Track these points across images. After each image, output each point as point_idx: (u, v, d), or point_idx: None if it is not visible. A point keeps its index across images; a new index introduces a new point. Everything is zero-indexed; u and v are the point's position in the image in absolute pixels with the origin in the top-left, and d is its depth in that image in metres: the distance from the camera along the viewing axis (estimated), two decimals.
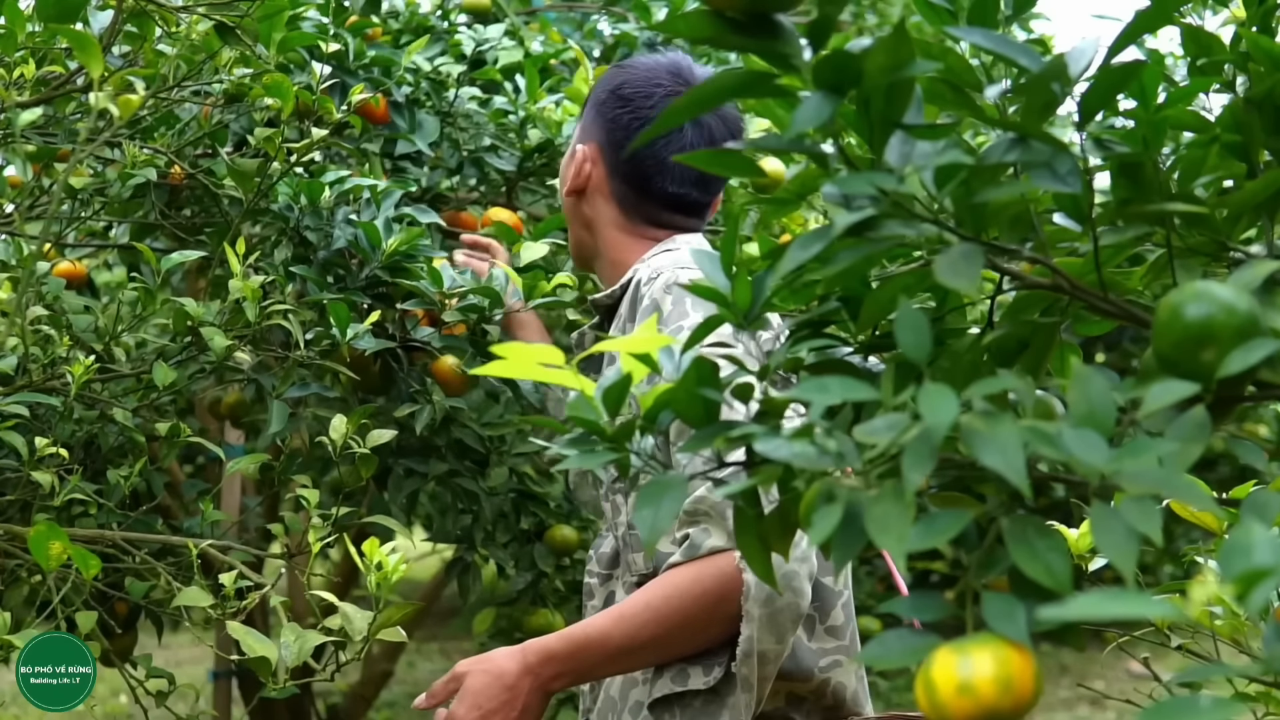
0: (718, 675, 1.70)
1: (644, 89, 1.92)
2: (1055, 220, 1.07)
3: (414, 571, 3.67)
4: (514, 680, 1.68)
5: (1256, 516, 0.86)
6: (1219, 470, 3.95)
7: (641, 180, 1.92)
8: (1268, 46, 1.03)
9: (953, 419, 0.84)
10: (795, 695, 1.76)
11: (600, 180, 1.96)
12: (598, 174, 1.96)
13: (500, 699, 1.68)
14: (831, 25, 0.95)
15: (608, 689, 1.84)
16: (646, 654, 1.71)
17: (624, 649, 1.69)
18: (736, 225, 1.05)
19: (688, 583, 1.66)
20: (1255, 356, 0.89)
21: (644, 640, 1.68)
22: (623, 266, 1.94)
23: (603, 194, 1.96)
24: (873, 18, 4.92)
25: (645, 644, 1.69)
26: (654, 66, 1.97)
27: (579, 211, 1.99)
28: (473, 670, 1.69)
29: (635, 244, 1.93)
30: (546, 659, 1.69)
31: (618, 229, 1.95)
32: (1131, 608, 0.69)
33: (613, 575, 1.85)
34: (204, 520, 2.06)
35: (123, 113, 1.35)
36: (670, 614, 1.67)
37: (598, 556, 1.88)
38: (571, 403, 1.04)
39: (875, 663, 0.94)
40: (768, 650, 1.67)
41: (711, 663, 1.71)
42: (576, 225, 2.01)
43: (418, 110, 2.46)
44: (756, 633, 1.65)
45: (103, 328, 1.97)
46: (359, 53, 2.32)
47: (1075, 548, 1.17)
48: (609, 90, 1.96)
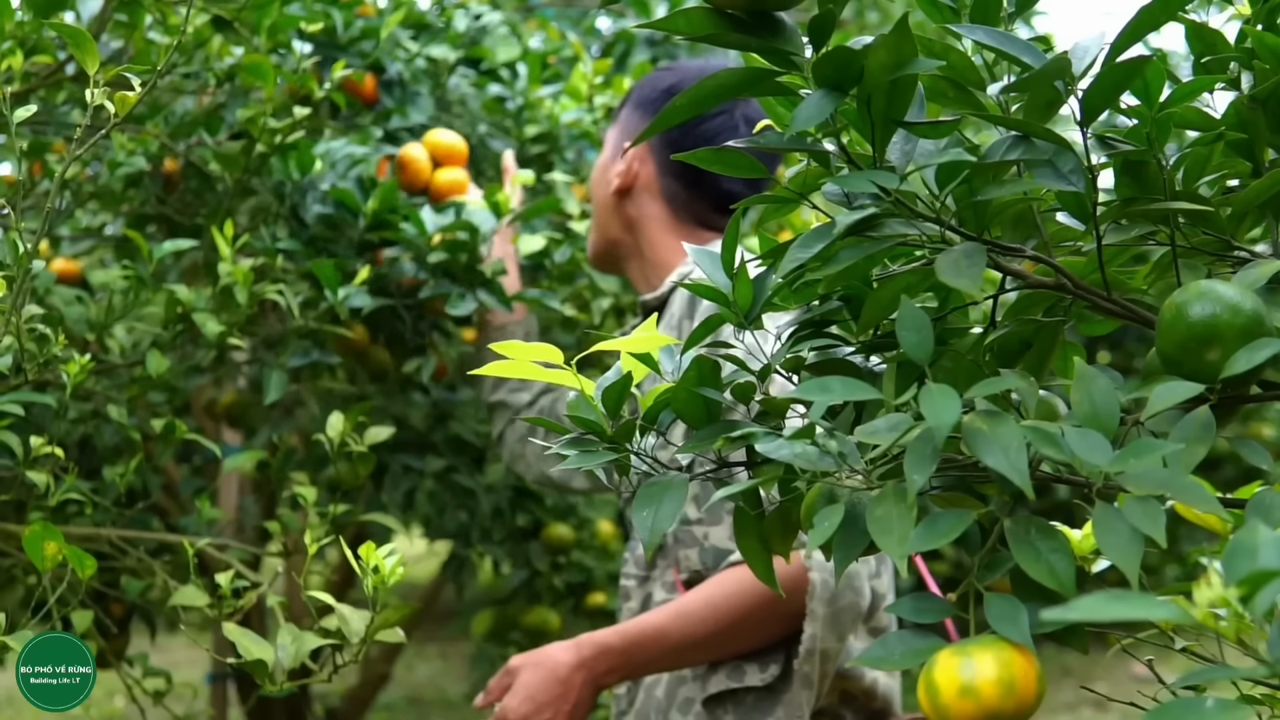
0: (774, 672, 1.72)
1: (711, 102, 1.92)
2: (1058, 219, 1.07)
3: (412, 573, 3.66)
4: (567, 674, 1.69)
5: (1262, 518, 0.85)
6: (1224, 471, 3.95)
7: (694, 176, 1.93)
8: (1273, 44, 1.02)
9: (955, 419, 0.84)
10: (848, 693, 1.78)
11: (650, 178, 1.96)
12: (647, 172, 1.96)
13: (553, 692, 1.68)
14: (832, 22, 0.95)
15: (652, 689, 1.83)
16: (704, 650, 1.72)
17: (682, 645, 1.70)
18: (737, 225, 1.04)
19: (752, 579, 1.66)
20: (1260, 356, 0.89)
21: (703, 636, 1.69)
22: (666, 267, 1.94)
23: (651, 192, 1.96)
24: (874, 15, 4.92)
25: (703, 640, 1.70)
26: (705, 67, 1.99)
27: (621, 211, 1.99)
28: (526, 665, 1.70)
29: (678, 247, 1.93)
30: (601, 653, 1.70)
31: (665, 228, 1.95)
32: (1135, 609, 0.68)
33: (650, 576, 1.85)
34: (200, 519, 2.05)
35: (119, 109, 1.34)
36: (732, 610, 1.68)
37: (634, 559, 1.88)
38: (571, 402, 1.03)
39: (878, 665, 0.93)
40: (830, 648, 1.68)
41: (767, 660, 1.73)
42: (614, 225, 2.00)
43: (409, 88, 2.43)
44: (820, 631, 1.66)
45: (94, 319, 1.95)
46: (348, 23, 2.29)
47: (1078, 549, 1.16)
48: (661, 90, 1.97)
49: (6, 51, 1.51)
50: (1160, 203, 1.00)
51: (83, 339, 1.93)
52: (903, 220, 0.98)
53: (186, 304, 1.92)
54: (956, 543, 0.90)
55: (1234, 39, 1.08)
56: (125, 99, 1.33)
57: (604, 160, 2.04)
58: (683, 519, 1.78)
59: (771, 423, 1.03)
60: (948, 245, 0.97)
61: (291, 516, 2.06)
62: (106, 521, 1.97)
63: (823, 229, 0.98)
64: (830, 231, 0.97)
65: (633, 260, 2.00)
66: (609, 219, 2.01)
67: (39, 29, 1.75)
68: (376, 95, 2.38)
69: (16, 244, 1.39)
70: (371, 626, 1.46)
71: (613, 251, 2.03)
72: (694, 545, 1.77)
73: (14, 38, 1.65)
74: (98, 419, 2.10)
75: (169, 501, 2.54)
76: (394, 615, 1.46)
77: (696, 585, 1.76)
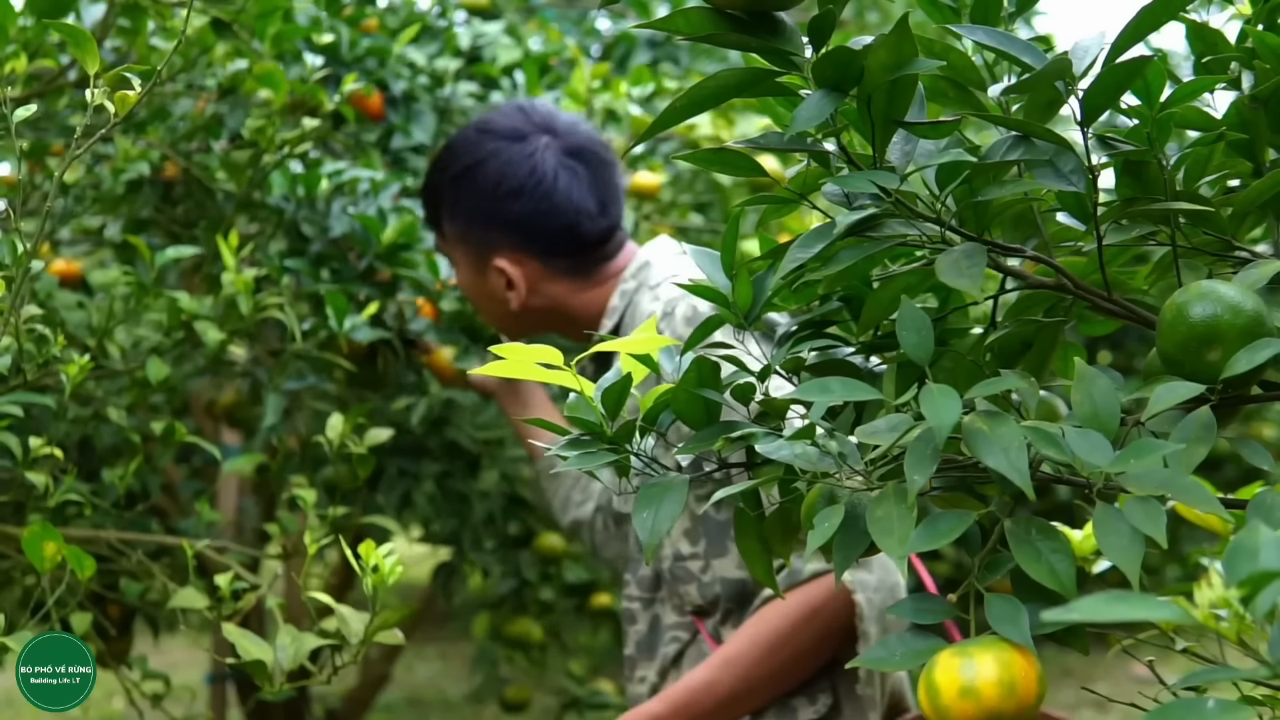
0: (826, 703, 1.66)
1: (522, 167, 1.85)
2: (1059, 219, 1.07)
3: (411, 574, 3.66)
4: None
5: (1263, 518, 0.85)
6: (1225, 472, 3.94)
7: (577, 240, 1.86)
8: (1273, 43, 1.02)
9: (955, 420, 0.84)
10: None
11: (538, 272, 1.88)
12: (532, 269, 1.87)
13: None
14: (832, 22, 0.94)
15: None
16: (758, 694, 1.64)
17: (735, 693, 1.62)
18: (737, 226, 1.04)
19: (797, 609, 1.60)
20: (1261, 356, 0.89)
21: (756, 678, 1.62)
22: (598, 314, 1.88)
23: (547, 279, 1.88)
24: (874, 15, 4.92)
25: (757, 682, 1.63)
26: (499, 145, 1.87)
27: (530, 312, 1.90)
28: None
29: (604, 287, 1.88)
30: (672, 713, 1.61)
31: (580, 291, 1.89)
32: (1136, 610, 0.68)
33: (655, 598, 1.80)
34: (200, 521, 2.05)
35: (119, 109, 1.33)
36: (781, 645, 1.61)
37: (637, 580, 1.82)
38: (571, 403, 1.03)
39: (878, 666, 0.93)
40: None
41: (815, 693, 1.66)
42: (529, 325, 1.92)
43: (414, 103, 2.45)
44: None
45: (96, 324, 1.95)
46: (353, 42, 2.31)
47: (1079, 550, 1.16)
48: (487, 197, 1.85)
49: (10, 55, 1.50)
50: (1161, 203, 1.00)
51: (84, 344, 1.93)
52: (903, 220, 0.98)
53: (189, 312, 1.92)
54: (957, 543, 0.90)
55: (1235, 39, 1.08)
56: (125, 99, 1.33)
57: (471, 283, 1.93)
58: (676, 555, 1.72)
59: (771, 423, 1.03)
60: (948, 246, 0.97)
61: (291, 518, 2.06)
62: (106, 523, 1.97)
63: (823, 229, 0.97)
64: (830, 232, 0.97)
65: (564, 328, 1.94)
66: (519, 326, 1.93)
67: (42, 33, 1.75)
68: (382, 111, 2.39)
69: (16, 244, 1.39)
70: (370, 628, 1.46)
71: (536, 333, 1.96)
72: (692, 581, 1.71)
73: (17, 41, 1.65)
74: (97, 420, 2.10)
75: (168, 503, 2.54)
76: (393, 616, 1.46)
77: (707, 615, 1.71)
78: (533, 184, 1.85)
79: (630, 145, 1.20)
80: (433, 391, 2.28)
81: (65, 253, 2.39)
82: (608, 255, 1.90)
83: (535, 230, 1.86)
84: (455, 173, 1.89)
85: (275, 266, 2.05)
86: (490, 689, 3.25)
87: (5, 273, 1.43)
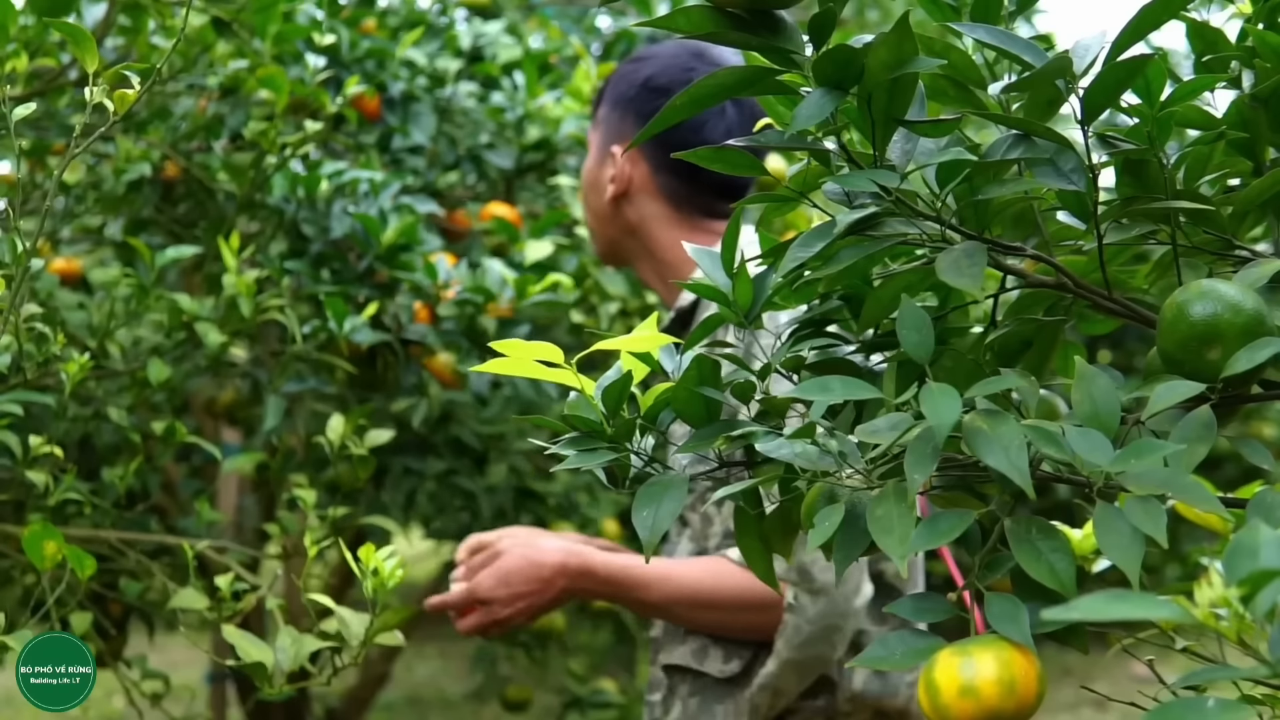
0: (734, 669, 1.71)
1: (678, 75, 1.87)
2: (1059, 218, 1.06)
3: (412, 573, 3.66)
4: (549, 574, 1.70)
5: (1263, 517, 0.84)
6: (1225, 471, 3.94)
7: (691, 168, 1.84)
8: (1274, 42, 1.02)
9: (955, 419, 0.83)
10: (883, 712, 1.76)
11: (645, 179, 1.89)
12: (640, 173, 1.89)
13: (529, 586, 1.70)
14: (833, 21, 0.94)
15: None
16: (675, 620, 1.73)
17: (654, 606, 1.71)
18: (737, 224, 1.04)
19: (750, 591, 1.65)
20: (1262, 355, 0.89)
21: (677, 612, 1.70)
22: (681, 266, 1.86)
23: (649, 193, 1.89)
24: (875, 13, 4.92)
25: (677, 615, 1.71)
26: (676, 52, 1.91)
27: (620, 217, 1.91)
28: (512, 550, 1.71)
29: (694, 239, 1.86)
30: (584, 573, 1.71)
31: (670, 225, 1.88)
32: (1136, 609, 0.68)
33: None
34: (200, 520, 2.05)
35: (118, 108, 1.33)
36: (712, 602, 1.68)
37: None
38: (573, 401, 1.03)
39: (878, 665, 0.93)
40: (787, 689, 1.68)
41: (732, 654, 1.72)
42: (615, 230, 1.93)
43: (413, 103, 2.45)
44: (779, 670, 1.66)
45: (97, 324, 1.95)
46: (354, 43, 2.31)
47: (1079, 549, 1.16)
48: (637, 85, 1.89)
49: (11, 53, 1.50)
50: (1161, 202, 1.00)
51: (84, 344, 1.93)
52: (903, 219, 0.98)
53: (190, 313, 1.92)
54: (957, 542, 0.90)
55: (1235, 37, 1.08)
56: (124, 97, 1.33)
57: (592, 166, 1.97)
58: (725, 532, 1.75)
59: (772, 422, 1.03)
60: (948, 244, 0.97)
61: (291, 518, 2.06)
62: (106, 522, 1.97)
63: (823, 228, 0.97)
64: (831, 230, 0.96)
65: (642, 261, 1.94)
66: (609, 226, 1.94)
67: (43, 31, 1.75)
68: (379, 113, 2.39)
69: (15, 243, 1.39)
70: (371, 629, 1.46)
71: (619, 253, 1.97)
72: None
73: (18, 40, 1.65)
74: (97, 419, 2.10)
75: (168, 502, 2.54)
76: (393, 617, 1.46)
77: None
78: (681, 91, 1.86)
79: (632, 143, 1.20)
80: (433, 392, 2.28)
81: (65, 251, 2.39)
82: (714, 211, 1.90)
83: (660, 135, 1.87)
84: (631, 59, 1.97)
85: (276, 268, 2.05)
86: (490, 688, 3.25)
87: (5, 271, 1.43)
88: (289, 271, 2.08)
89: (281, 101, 1.98)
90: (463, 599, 1.71)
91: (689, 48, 1.91)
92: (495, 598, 1.69)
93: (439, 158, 2.58)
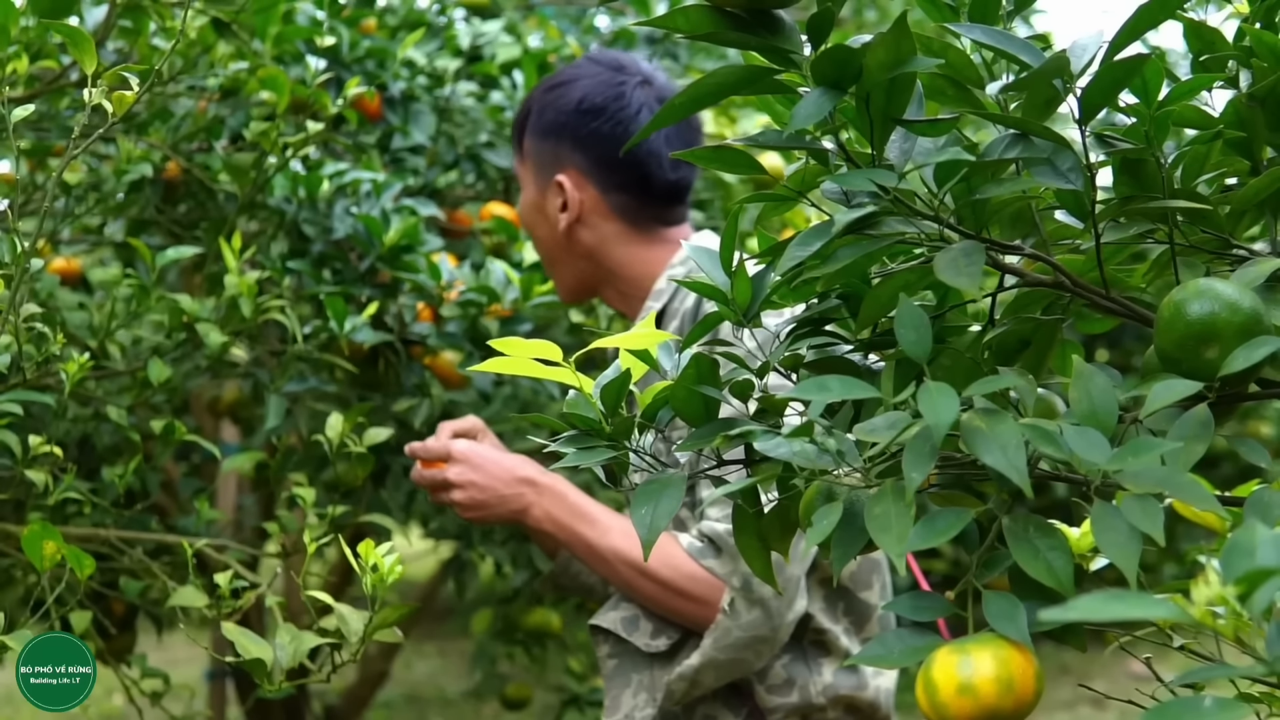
0: (660, 646, 1.73)
1: (610, 93, 1.85)
2: (1057, 217, 1.07)
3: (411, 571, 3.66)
4: (516, 488, 1.73)
5: (1260, 516, 0.85)
6: (1222, 469, 3.95)
7: (641, 181, 1.85)
8: (1271, 42, 1.02)
9: (953, 417, 0.84)
10: (854, 706, 1.77)
11: (595, 201, 1.86)
12: (590, 196, 1.86)
13: (494, 492, 1.74)
14: (831, 20, 0.95)
15: None
16: (611, 576, 1.74)
17: (599, 553, 1.72)
18: (736, 223, 1.04)
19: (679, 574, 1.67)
20: (1259, 354, 0.89)
21: (616, 568, 1.72)
22: (646, 279, 1.86)
23: (600, 214, 1.87)
24: (873, 13, 4.92)
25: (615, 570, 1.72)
26: (595, 70, 1.89)
27: (576, 245, 1.88)
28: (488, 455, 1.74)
29: (653, 250, 1.87)
30: (553, 491, 1.73)
31: (628, 242, 1.87)
32: (1134, 608, 0.68)
33: None
34: (199, 519, 2.05)
35: (117, 109, 1.34)
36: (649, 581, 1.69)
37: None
38: (571, 400, 1.03)
39: (876, 663, 0.93)
40: (704, 684, 1.70)
41: (660, 632, 1.73)
42: (573, 259, 1.90)
43: (413, 103, 2.45)
44: (701, 665, 1.67)
45: (97, 324, 1.96)
46: (354, 44, 2.31)
47: (1076, 547, 1.16)
48: (569, 111, 1.85)
49: (11, 55, 1.51)
50: (1159, 201, 1.00)
51: (84, 344, 1.93)
52: (901, 218, 0.98)
53: (191, 313, 1.92)
54: (955, 541, 0.90)
55: (1232, 37, 1.08)
56: (123, 98, 1.33)
57: (532, 201, 1.92)
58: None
59: (770, 421, 1.03)
60: (946, 243, 0.97)
61: (290, 517, 2.06)
62: (105, 521, 1.97)
63: (821, 227, 0.98)
64: (829, 229, 0.97)
65: (605, 285, 1.91)
66: (567, 257, 1.90)
67: (44, 33, 1.76)
68: (380, 112, 2.39)
69: (15, 243, 1.39)
70: (370, 626, 1.46)
71: (584, 286, 1.94)
72: None
73: (19, 42, 1.66)
74: (97, 419, 2.10)
75: (168, 501, 2.54)
76: (392, 615, 1.46)
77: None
78: (615, 109, 1.85)
79: (630, 143, 1.20)
80: (435, 393, 2.28)
81: (65, 251, 2.39)
82: (666, 219, 1.89)
83: (604, 155, 1.85)
84: (548, 86, 1.92)
85: (277, 268, 2.05)
86: (489, 686, 3.25)
87: (5, 271, 1.43)
88: (290, 271, 2.08)
89: (282, 102, 1.98)
90: (441, 450, 1.76)
91: (606, 63, 1.90)
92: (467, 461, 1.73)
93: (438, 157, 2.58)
